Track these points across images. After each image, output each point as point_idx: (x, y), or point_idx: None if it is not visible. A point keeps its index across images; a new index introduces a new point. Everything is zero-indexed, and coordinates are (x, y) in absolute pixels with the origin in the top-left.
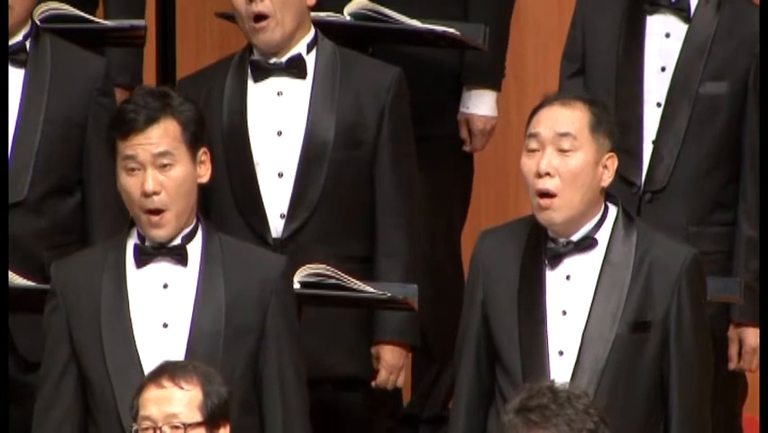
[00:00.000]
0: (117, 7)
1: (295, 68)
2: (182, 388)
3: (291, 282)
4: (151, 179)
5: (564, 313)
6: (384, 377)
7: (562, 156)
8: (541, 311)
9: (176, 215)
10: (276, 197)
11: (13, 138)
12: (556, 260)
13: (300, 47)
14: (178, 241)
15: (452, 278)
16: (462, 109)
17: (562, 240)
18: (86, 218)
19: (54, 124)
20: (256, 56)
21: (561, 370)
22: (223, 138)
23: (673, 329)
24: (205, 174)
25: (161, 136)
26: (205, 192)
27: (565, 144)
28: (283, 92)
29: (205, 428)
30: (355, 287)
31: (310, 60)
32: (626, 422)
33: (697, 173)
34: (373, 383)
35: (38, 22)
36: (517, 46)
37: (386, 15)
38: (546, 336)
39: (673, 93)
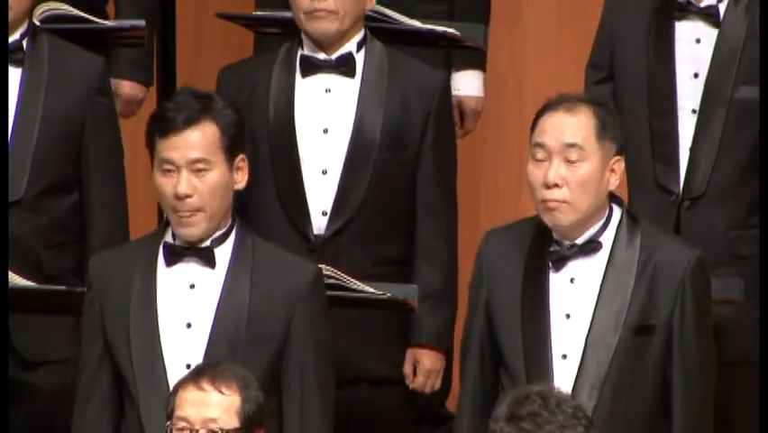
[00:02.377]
0: (128, 5)
1: (344, 66)
2: (222, 393)
3: (321, 291)
4: (185, 182)
5: (568, 316)
6: (422, 381)
7: (569, 166)
8: (544, 314)
9: (208, 217)
10: (319, 194)
11: (10, 137)
12: (560, 263)
13: (351, 45)
14: (207, 243)
15: None
16: (454, 92)
17: (566, 243)
18: (83, 218)
19: (51, 122)
20: (306, 51)
21: (564, 373)
22: (268, 132)
23: (676, 332)
24: (241, 181)
25: (199, 140)
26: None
27: (573, 155)
28: (331, 89)
29: None
30: (355, 287)
31: (359, 59)
32: (629, 425)
33: (734, 178)
34: (410, 385)
35: (37, 22)
36: (517, 46)
37: (386, 15)
38: (550, 340)
39: (707, 99)
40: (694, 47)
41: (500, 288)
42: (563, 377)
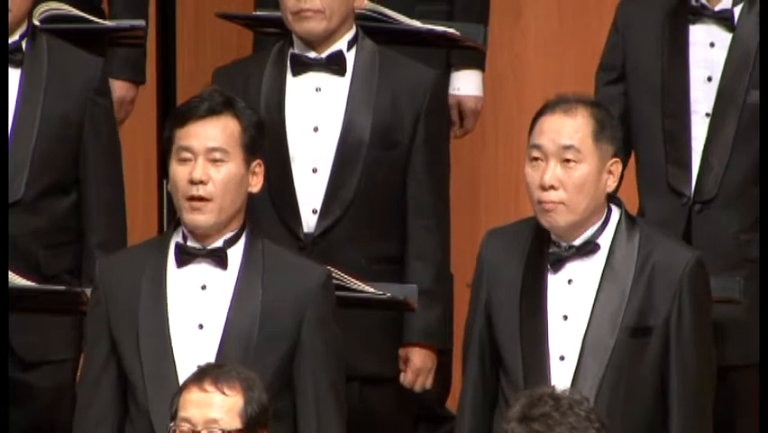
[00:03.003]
0: (121, 7)
1: (335, 64)
2: (225, 394)
3: (331, 293)
4: (200, 168)
5: (566, 318)
6: (411, 379)
7: (565, 168)
8: (542, 315)
9: (218, 208)
10: (309, 192)
11: (9, 137)
12: (558, 264)
13: (341, 44)
14: (219, 243)
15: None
16: (452, 92)
17: (564, 244)
18: (81, 218)
19: (50, 123)
20: (296, 50)
21: (561, 375)
22: None
23: (674, 333)
24: (255, 185)
25: (219, 132)
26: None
27: (569, 156)
28: (321, 88)
29: None
30: (355, 287)
31: (350, 58)
32: (626, 426)
33: (746, 181)
34: (401, 378)
35: (37, 22)
36: (517, 46)
37: (386, 15)
38: (547, 341)
39: (721, 103)
40: (708, 51)
41: (500, 288)
42: (561, 378)
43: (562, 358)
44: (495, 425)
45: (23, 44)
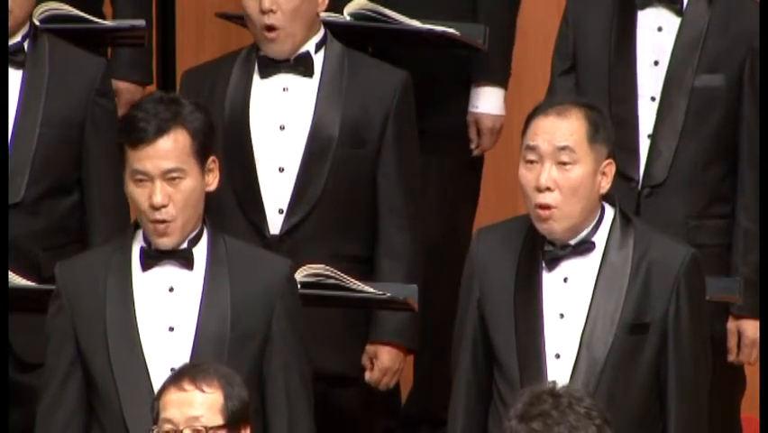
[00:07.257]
0: (125, 5)
1: (302, 65)
2: (204, 391)
3: (296, 286)
4: (160, 193)
5: (562, 316)
6: (377, 377)
7: (561, 169)
8: (538, 314)
9: (182, 224)
10: (275, 191)
11: (11, 139)
12: (554, 262)
13: (309, 46)
14: (184, 245)
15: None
16: (471, 109)
17: (559, 243)
18: (84, 219)
19: (52, 125)
20: (264, 52)
21: (558, 373)
22: (224, 130)
23: (671, 330)
24: (212, 182)
25: (171, 149)
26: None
27: (564, 157)
28: (288, 88)
29: (226, 431)
30: (355, 287)
31: (318, 59)
32: (623, 424)
33: (695, 166)
34: (367, 376)
35: (37, 22)
36: (518, 46)
37: (385, 15)
38: (543, 340)
39: (668, 87)
40: (656, 35)
41: (493, 287)
42: (557, 377)
43: (557, 356)
44: (489, 422)
45: (26, 45)
